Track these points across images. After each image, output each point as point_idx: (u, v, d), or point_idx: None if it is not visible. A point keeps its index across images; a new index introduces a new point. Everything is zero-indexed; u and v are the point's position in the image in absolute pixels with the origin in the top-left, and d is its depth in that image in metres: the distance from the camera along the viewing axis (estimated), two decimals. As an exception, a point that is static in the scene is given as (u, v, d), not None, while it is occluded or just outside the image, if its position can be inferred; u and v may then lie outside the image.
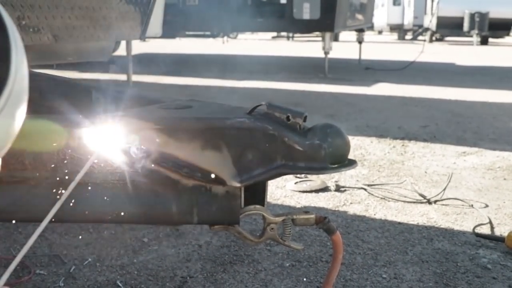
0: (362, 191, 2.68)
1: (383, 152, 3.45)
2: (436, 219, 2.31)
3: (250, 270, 1.82)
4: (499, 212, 2.40)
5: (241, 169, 1.14)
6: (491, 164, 3.19)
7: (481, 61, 10.86)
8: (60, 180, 1.16)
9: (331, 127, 1.17)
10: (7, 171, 1.18)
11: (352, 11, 8.22)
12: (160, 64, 9.33)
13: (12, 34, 0.63)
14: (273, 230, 1.23)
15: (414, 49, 12.16)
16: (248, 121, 1.15)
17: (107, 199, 1.22)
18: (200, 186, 1.17)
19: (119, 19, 2.60)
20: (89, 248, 1.97)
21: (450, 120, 4.58)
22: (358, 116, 4.73)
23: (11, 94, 0.61)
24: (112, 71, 5.16)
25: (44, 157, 1.18)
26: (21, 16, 2.09)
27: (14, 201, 1.22)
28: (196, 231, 2.11)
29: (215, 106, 1.38)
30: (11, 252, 1.93)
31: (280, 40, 21.13)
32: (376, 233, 2.15)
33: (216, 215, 1.18)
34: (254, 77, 7.27)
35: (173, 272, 1.80)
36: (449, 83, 7.10)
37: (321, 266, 1.86)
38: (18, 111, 0.66)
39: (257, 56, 12.08)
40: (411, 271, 1.83)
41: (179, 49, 13.56)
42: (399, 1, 24.29)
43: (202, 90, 6.35)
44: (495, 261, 1.90)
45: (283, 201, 2.53)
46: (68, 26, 2.33)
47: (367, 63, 9.38)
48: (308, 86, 6.77)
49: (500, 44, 18.08)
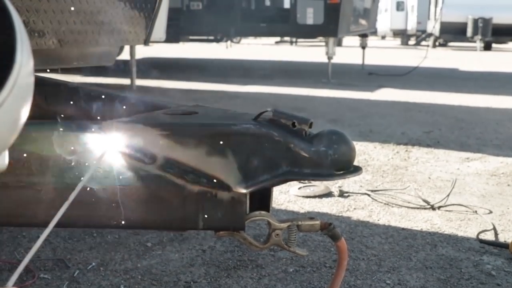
0: (365, 196, 2.68)
1: (387, 157, 3.45)
2: (440, 225, 2.31)
3: (254, 275, 1.82)
4: (503, 218, 2.39)
5: (246, 175, 1.14)
6: (495, 170, 3.18)
7: (485, 67, 10.86)
8: (66, 185, 1.16)
9: (337, 133, 1.17)
10: (14, 176, 1.18)
11: (355, 16, 8.23)
12: (163, 68, 9.35)
13: (19, 29, 0.63)
14: (278, 236, 1.23)
15: (418, 55, 12.17)
16: (254, 127, 1.15)
17: (112, 205, 1.22)
18: (206, 192, 1.17)
19: (124, 24, 2.61)
20: (93, 252, 1.98)
21: (454, 126, 4.58)
22: (361, 122, 4.72)
23: (16, 85, 0.61)
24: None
25: (50, 162, 1.19)
26: (26, 20, 2.10)
27: (20, 206, 1.22)
28: (200, 236, 2.11)
29: (220, 112, 1.38)
30: (15, 256, 1.93)
31: (283, 45, 21.16)
32: (379, 239, 2.15)
33: (222, 221, 1.18)
34: (258, 82, 7.28)
35: (176, 276, 1.80)
36: (453, 89, 7.10)
37: (325, 271, 1.85)
38: (22, 104, 0.66)
39: (261, 61, 12.09)
40: (415, 277, 1.82)
41: (183, 53, 13.59)
42: (403, 6, 24.34)
43: (205, 94, 6.36)
44: (499, 268, 1.90)
45: (286, 206, 2.53)
46: (73, 31, 2.34)
47: (370, 68, 9.39)
48: (311, 91, 6.77)
49: (503, 50, 18.08)
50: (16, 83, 0.61)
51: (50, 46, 2.25)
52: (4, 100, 0.60)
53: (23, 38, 0.63)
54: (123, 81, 7.04)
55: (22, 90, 0.64)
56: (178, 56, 13.00)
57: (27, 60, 0.64)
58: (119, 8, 2.55)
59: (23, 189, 1.21)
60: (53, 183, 1.20)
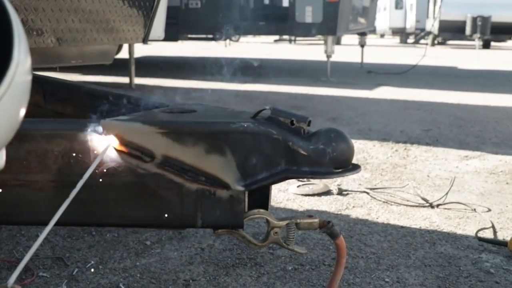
0: (364, 194, 2.68)
1: (386, 155, 3.45)
2: (439, 223, 2.31)
3: (253, 273, 1.82)
4: (501, 216, 2.39)
5: (245, 173, 1.14)
6: (493, 168, 3.19)
7: (483, 65, 10.86)
8: (65, 184, 1.16)
9: (335, 131, 1.18)
10: (12, 175, 1.18)
11: (354, 14, 8.23)
12: (162, 67, 9.34)
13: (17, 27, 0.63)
14: (277, 234, 1.23)
15: (416, 53, 12.18)
16: (253, 126, 1.15)
17: (110, 203, 1.23)
18: (204, 190, 1.17)
19: (122, 23, 2.61)
20: (92, 250, 1.98)
21: (453, 124, 4.58)
22: (360, 120, 4.73)
23: (12, 83, 0.61)
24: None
25: (49, 160, 1.19)
26: (25, 19, 2.10)
27: (19, 205, 1.22)
28: (198, 234, 2.11)
29: (219, 110, 1.38)
30: (14, 254, 1.93)
31: (282, 43, 21.15)
32: (378, 237, 2.15)
33: (220, 219, 1.19)
34: (257, 80, 7.27)
35: (175, 275, 1.80)
36: (452, 87, 7.10)
37: (324, 269, 1.86)
38: (19, 102, 0.66)
39: (260, 59, 12.09)
40: (414, 275, 1.83)
41: (182, 52, 13.58)
42: (401, 4, 24.33)
43: (204, 92, 6.35)
44: (498, 266, 1.90)
45: (285, 205, 2.53)
46: (72, 29, 2.34)
47: (369, 67, 9.39)
48: (310, 89, 6.77)
49: (502, 48, 18.08)
50: (13, 81, 0.61)
51: (49, 44, 2.25)
52: (1, 98, 0.60)
53: (20, 36, 0.63)
54: (122, 80, 7.03)
55: (19, 88, 0.64)
56: (176, 54, 12.99)
57: (25, 58, 0.64)
58: (118, 6, 2.55)
59: (21, 187, 1.21)
60: (52, 182, 1.20)
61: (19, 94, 0.64)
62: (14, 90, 0.61)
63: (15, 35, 0.62)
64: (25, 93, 0.66)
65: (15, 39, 0.62)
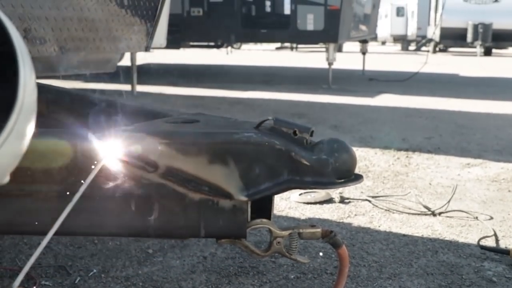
0: (366, 202, 2.68)
1: (388, 163, 3.45)
2: (441, 231, 2.31)
3: (255, 282, 1.82)
4: (504, 225, 2.39)
5: (248, 183, 1.15)
6: (495, 175, 3.18)
7: (485, 72, 10.87)
8: (68, 194, 1.16)
9: (338, 142, 1.18)
10: (16, 184, 1.19)
11: (355, 22, 8.25)
12: (164, 74, 9.36)
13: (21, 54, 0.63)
14: (280, 243, 1.23)
15: (418, 60, 12.20)
16: (255, 136, 1.16)
17: (113, 213, 1.23)
18: (207, 200, 1.17)
19: (125, 31, 2.62)
20: (94, 259, 1.98)
21: (454, 132, 4.58)
22: (362, 127, 4.73)
23: (19, 118, 0.62)
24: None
25: (52, 170, 1.19)
26: (28, 28, 2.11)
27: (23, 214, 1.23)
28: (201, 243, 2.12)
29: (222, 120, 1.39)
30: (16, 262, 1.93)
31: (284, 51, 21.19)
32: (380, 245, 2.15)
33: (223, 229, 1.19)
34: (258, 87, 7.30)
35: (178, 283, 1.80)
36: (453, 94, 7.11)
37: (326, 278, 1.86)
38: (26, 129, 0.66)
39: (261, 66, 12.11)
40: (416, 283, 1.83)
41: (183, 59, 13.61)
42: (403, 12, 24.39)
43: (206, 100, 6.37)
44: (500, 274, 1.90)
45: (287, 213, 2.53)
46: (75, 38, 2.35)
47: (370, 74, 9.40)
48: (312, 97, 6.78)
49: (503, 55, 18.11)
50: (20, 115, 0.62)
51: (52, 53, 2.25)
52: (9, 134, 0.60)
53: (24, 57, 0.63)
54: (124, 87, 7.05)
55: (25, 118, 0.64)
56: (178, 62, 13.02)
57: (30, 75, 0.64)
58: (121, 15, 2.56)
59: (24, 197, 1.21)
60: (55, 191, 1.21)
61: (27, 118, 0.64)
62: (20, 123, 0.61)
63: (19, 58, 0.61)
64: (32, 115, 0.66)
65: (20, 63, 0.61)
